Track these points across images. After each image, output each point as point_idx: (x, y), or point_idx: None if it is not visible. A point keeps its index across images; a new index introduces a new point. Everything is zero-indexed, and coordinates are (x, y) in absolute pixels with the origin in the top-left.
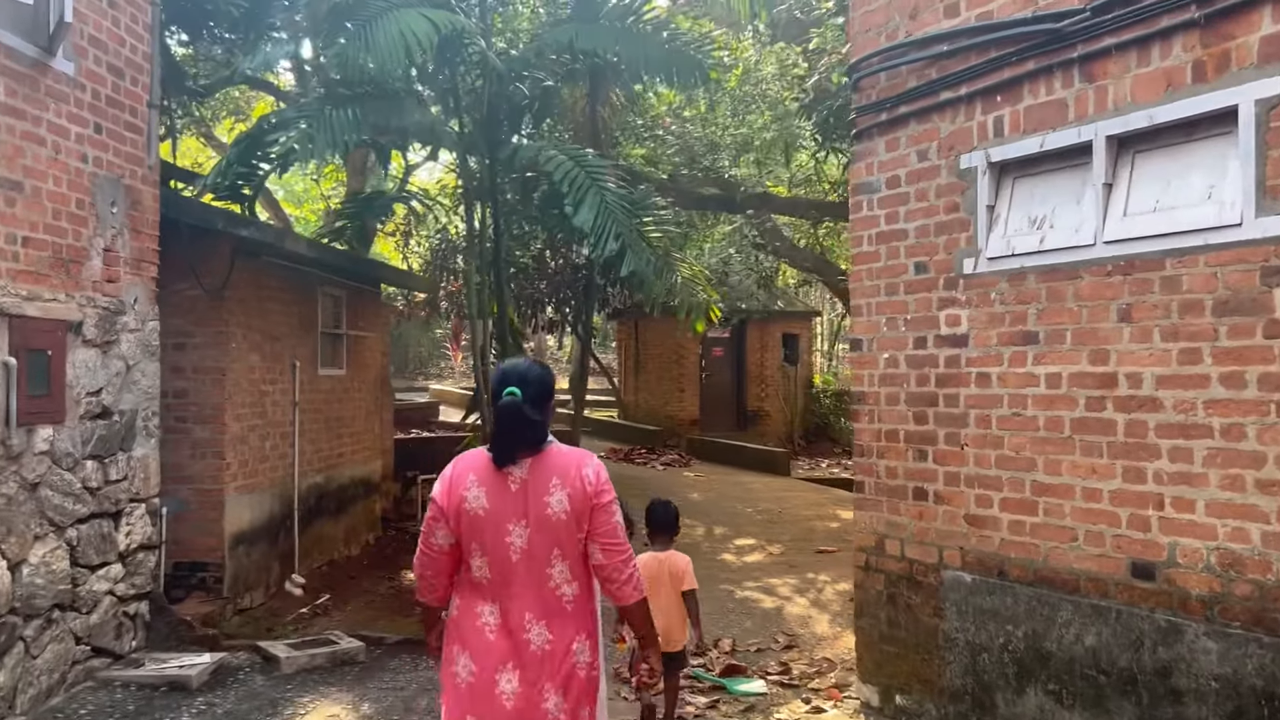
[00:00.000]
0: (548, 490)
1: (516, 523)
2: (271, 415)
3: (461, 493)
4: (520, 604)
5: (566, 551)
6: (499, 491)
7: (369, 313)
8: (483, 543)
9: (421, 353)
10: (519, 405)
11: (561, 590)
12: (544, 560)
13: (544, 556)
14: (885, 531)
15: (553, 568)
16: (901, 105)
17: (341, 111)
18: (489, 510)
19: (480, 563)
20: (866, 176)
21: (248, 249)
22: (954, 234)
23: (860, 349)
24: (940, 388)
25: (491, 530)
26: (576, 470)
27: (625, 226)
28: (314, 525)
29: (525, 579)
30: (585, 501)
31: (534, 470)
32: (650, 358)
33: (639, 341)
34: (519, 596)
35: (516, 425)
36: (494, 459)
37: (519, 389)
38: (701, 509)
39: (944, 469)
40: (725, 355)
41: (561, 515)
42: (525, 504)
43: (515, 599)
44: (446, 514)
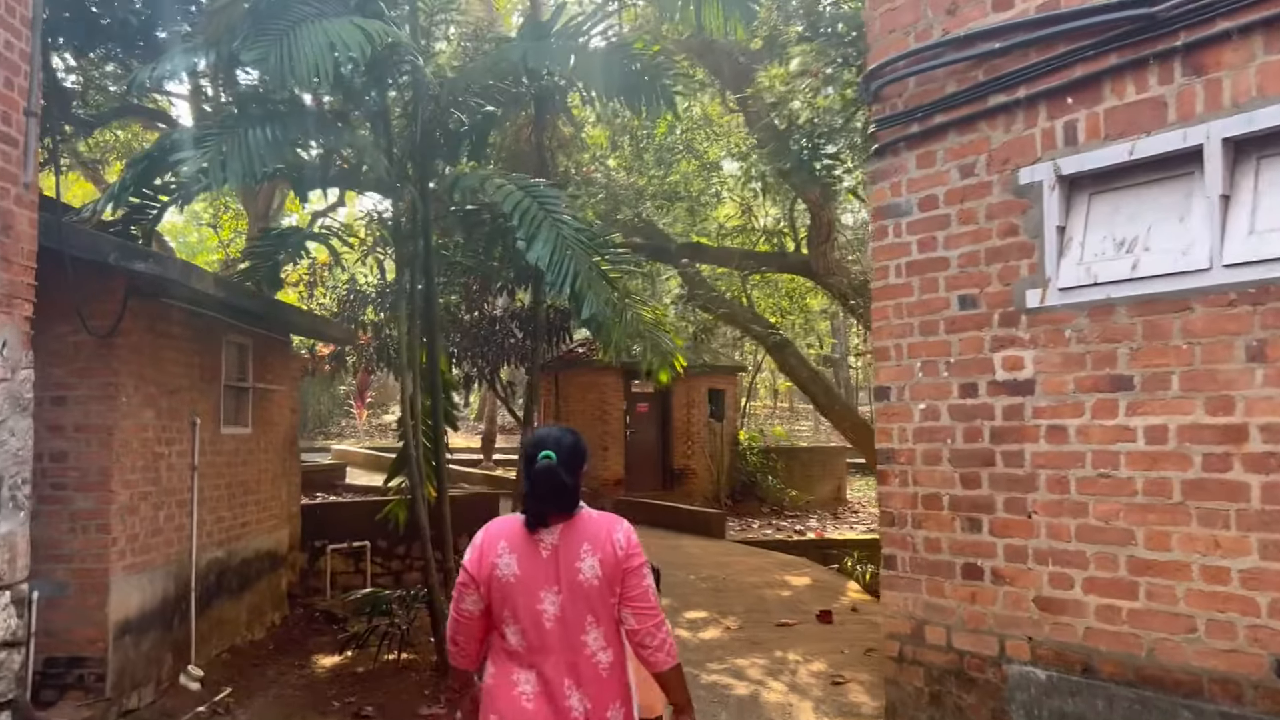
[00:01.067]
0: (579, 556)
1: (549, 589)
2: (167, 481)
3: (493, 560)
4: (557, 671)
5: (600, 618)
6: (530, 558)
7: (277, 364)
8: (515, 610)
9: (321, 410)
10: (554, 468)
11: (597, 657)
12: (579, 627)
13: (578, 623)
14: (925, 616)
15: (588, 634)
16: (937, 114)
17: (259, 131)
18: (520, 577)
19: (514, 630)
20: (893, 198)
21: (144, 287)
22: (1012, 261)
23: (888, 398)
24: (997, 444)
25: (524, 597)
26: (607, 535)
27: (584, 264)
28: (214, 606)
29: (561, 646)
30: (617, 566)
31: (565, 536)
32: (572, 413)
33: (560, 396)
34: (556, 664)
35: (552, 488)
36: (527, 521)
37: (554, 453)
38: None
39: (1004, 541)
40: (651, 411)
41: (594, 581)
42: (557, 570)
43: (552, 666)
44: (477, 580)
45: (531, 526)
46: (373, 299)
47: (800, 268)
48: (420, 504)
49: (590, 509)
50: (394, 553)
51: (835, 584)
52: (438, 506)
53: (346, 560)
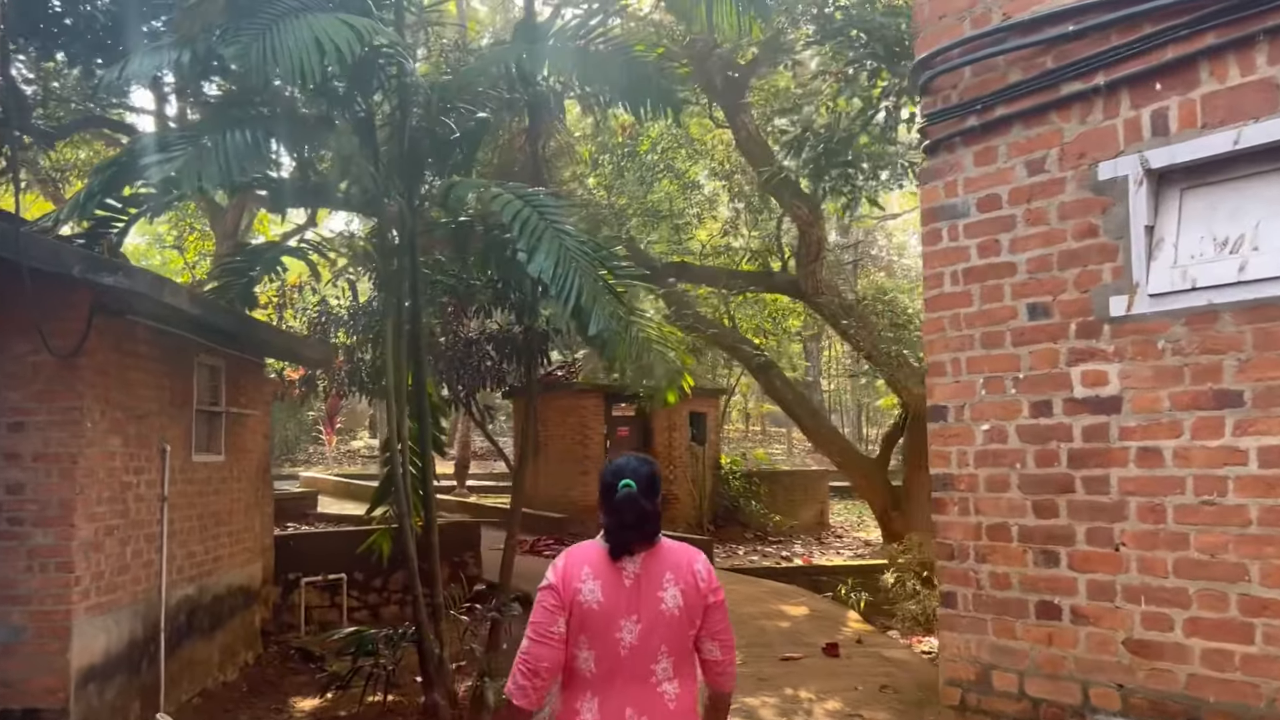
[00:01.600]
0: (661, 586)
1: (628, 618)
2: (135, 513)
3: (576, 585)
4: (622, 699)
5: (673, 648)
6: (613, 586)
7: (251, 387)
8: (592, 636)
9: (289, 436)
10: (637, 496)
11: (663, 687)
12: (651, 656)
13: (651, 652)
14: (992, 660)
15: (657, 664)
16: (999, 106)
17: (238, 134)
18: (603, 604)
19: (586, 655)
20: (947, 199)
21: (111, 303)
22: (1091, 265)
23: (944, 419)
24: (1077, 468)
25: (603, 624)
26: (689, 566)
27: (589, 277)
28: (184, 647)
29: (630, 674)
30: (700, 599)
31: (647, 565)
32: (551, 438)
33: (537, 420)
34: (621, 692)
35: (636, 516)
36: (610, 550)
37: (634, 482)
38: None
39: (1087, 576)
40: (632, 435)
41: (675, 611)
42: (639, 599)
43: (617, 694)
44: (564, 603)
45: (616, 555)
46: (345, 321)
47: (788, 287)
48: (408, 535)
49: (667, 538)
50: (371, 586)
51: (834, 613)
52: (425, 537)
53: (322, 594)
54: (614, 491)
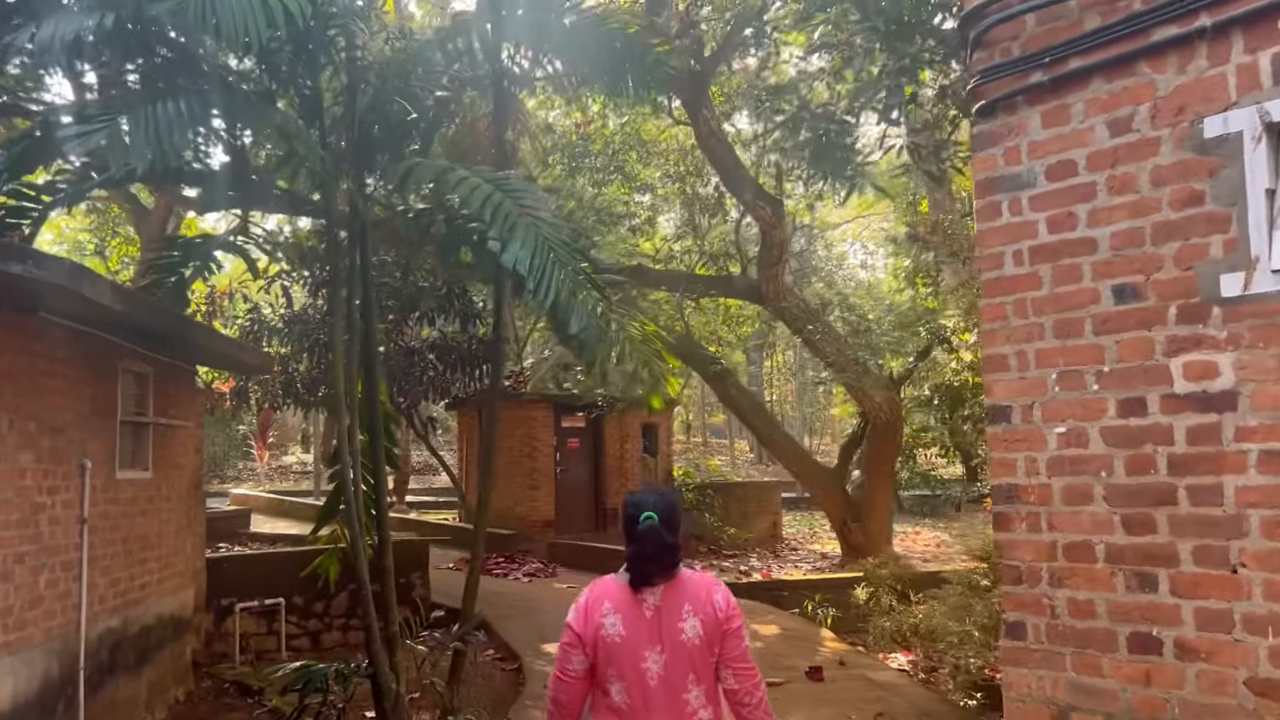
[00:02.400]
0: (681, 616)
1: (652, 649)
2: (49, 538)
3: (598, 620)
4: None
5: (701, 676)
6: (634, 618)
7: (182, 396)
8: (620, 670)
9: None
10: (659, 528)
11: (699, 715)
12: (681, 686)
13: (681, 682)
14: (1072, 701)
15: (689, 693)
16: (1073, 57)
17: (171, 105)
18: (625, 637)
19: (619, 688)
20: (1008, 167)
21: (20, 297)
22: (1195, 238)
23: (1007, 420)
24: (1180, 475)
25: (628, 657)
26: (707, 596)
27: (569, 269)
28: (107, 686)
29: (664, 705)
30: (717, 627)
31: (667, 596)
32: (498, 450)
33: (484, 433)
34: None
35: (657, 549)
36: (631, 581)
37: (655, 514)
38: None
39: (1195, 604)
40: (582, 447)
41: (695, 641)
42: (660, 630)
43: None
44: (584, 641)
45: (636, 586)
46: (279, 330)
47: (749, 292)
48: (361, 556)
49: (686, 569)
50: (311, 611)
51: (806, 632)
52: (378, 559)
53: (258, 620)
54: (636, 523)
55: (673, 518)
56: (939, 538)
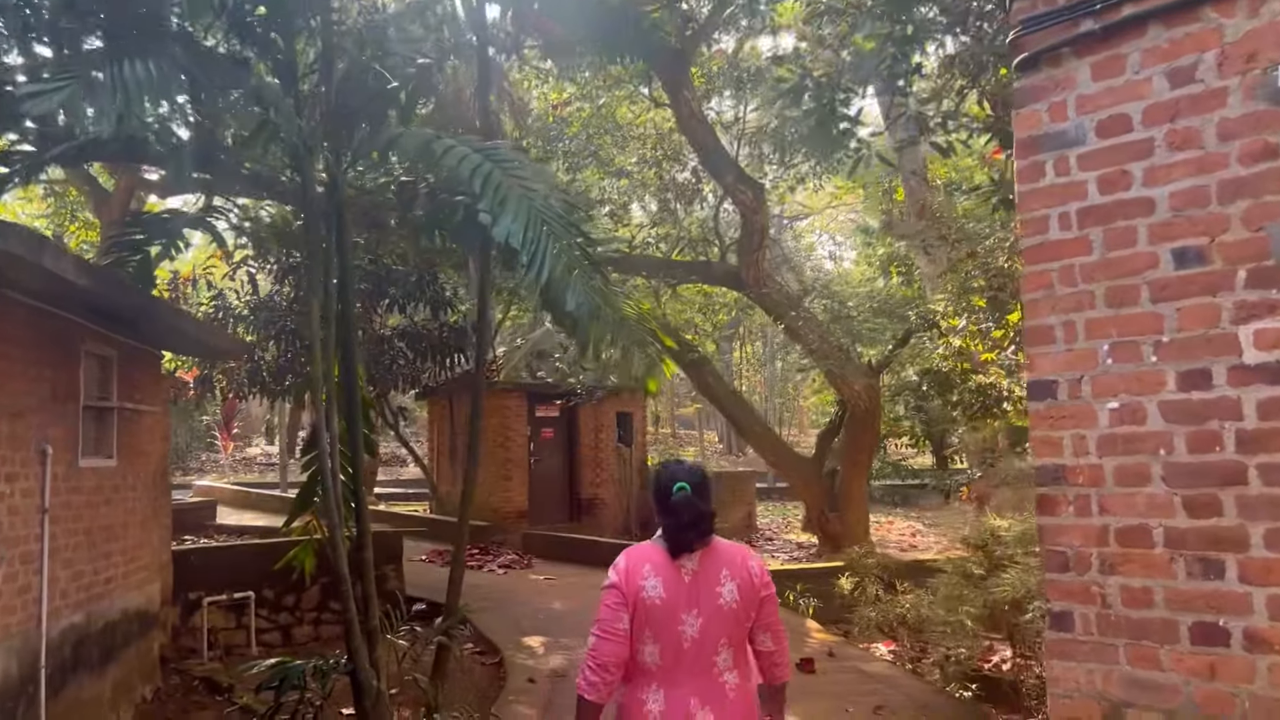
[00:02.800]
0: (719, 581)
1: (689, 612)
2: (8, 529)
3: (639, 582)
4: (686, 690)
5: (732, 639)
6: (674, 582)
7: (147, 381)
8: (656, 631)
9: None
10: (694, 499)
11: (725, 678)
12: (712, 648)
13: (713, 644)
14: (1126, 696)
15: (719, 655)
16: (1126, 3)
17: (138, 65)
18: (665, 600)
19: (652, 650)
20: (1053, 124)
21: None
22: (1268, 195)
23: (1053, 396)
24: (1251, 453)
25: (666, 619)
26: (743, 562)
27: (564, 243)
28: (70, 686)
29: (693, 666)
30: (754, 593)
31: (704, 562)
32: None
33: (456, 423)
34: (685, 683)
35: (694, 517)
36: (671, 550)
37: (688, 484)
38: (574, 624)
39: (1268, 591)
40: (556, 437)
41: (732, 605)
42: (698, 594)
43: (681, 685)
44: (627, 600)
45: (676, 554)
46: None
47: (729, 279)
48: (340, 548)
49: (719, 537)
50: (282, 604)
51: (792, 622)
52: (357, 552)
53: (226, 614)
54: (670, 495)
55: (704, 487)
56: (913, 527)
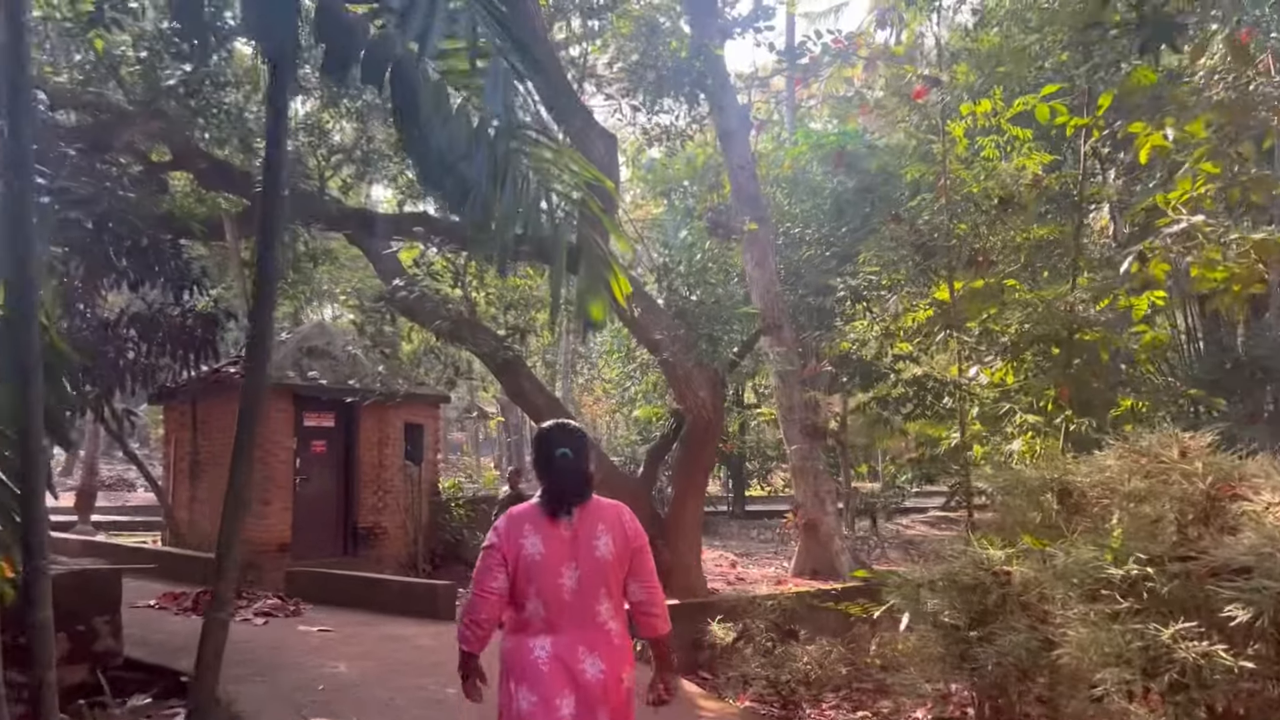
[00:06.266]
0: (595, 535)
1: (568, 565)
2: None
3: (519, 540)
4: (572, 638)
5: (611, 591)
6: (553, 538)
7: None
8: (539, 586)
9: None
10: (575, 462)
11: (608, 626)
12: (594, 598)
13: (594, 595)
14: None
15: (600, 605)
16: None
17: None
18: (545, 555)
19: (535, 604)
20: None
21: None
22: None
23: None
24: None
25: (548, 573)
26: (616, 517)
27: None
28: None
29: (576, 616)
30: (627, 545)
31: (582, 518)
32: (216, 455)
33: (199, 432)
34: (570, 631)
35: (575, 480)
36: (551, 511)
37: (568, 449)
38: (374, 698)
39: None
40: (329, 451)
41: (608, 557)
42: (576, 549)
43: (567, 633)
44: (507, 560)
45: (556, 515)
46: None
47: (556, 255)
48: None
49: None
50: None
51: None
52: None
53: None
54: (552, 459)
55: (584, 449)
56: (726, 556)
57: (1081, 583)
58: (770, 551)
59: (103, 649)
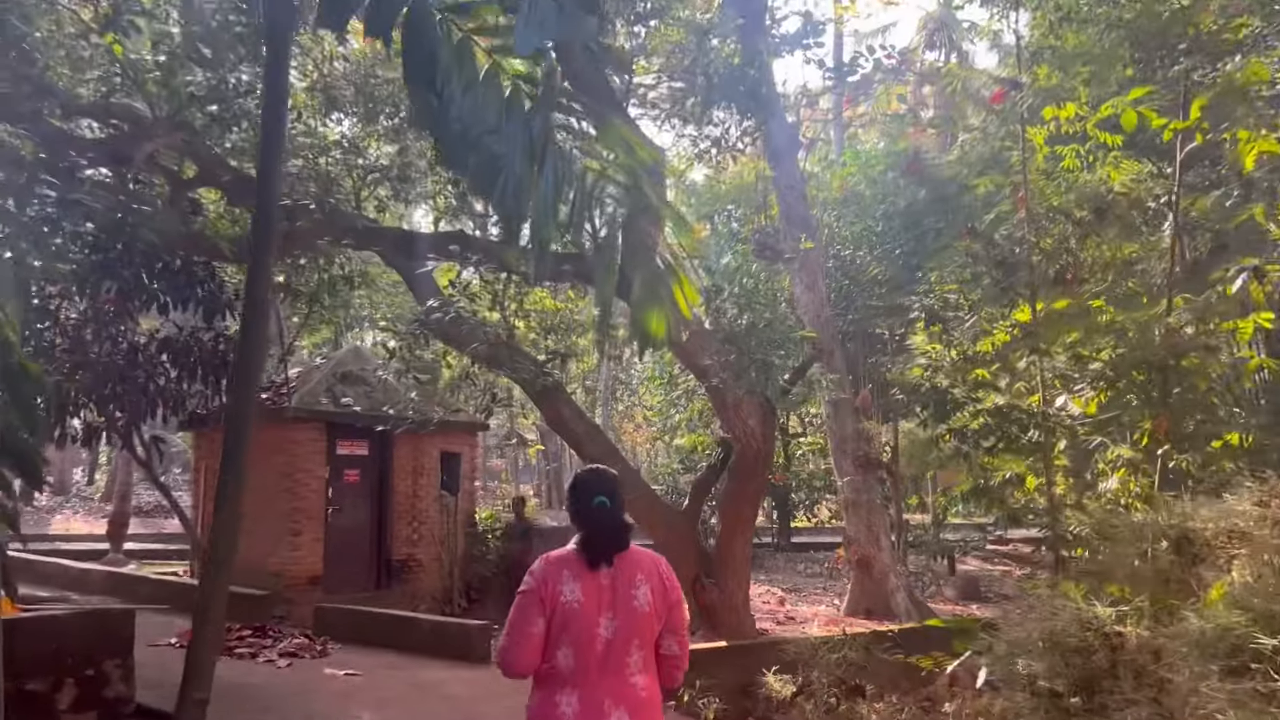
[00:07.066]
0: (634, 584)
1: (606, 615)
2: None
3: (557, 587)
4: (600, 692)
5: (644, 642)
6: (591, 587)
7: None
8: (574, 635)
9: None
10: (613, 511)
11: (635, 679)
12: (625, 650)
13: (626, 647)
14: None
15: (631, 657)
16: None
17: None
18: (583, 604)
19: (566, 653)
20: None
21: None
22: None
23: None
24: None
25: (584, 622)
26: (654, 568)
27: None
28: None
29: (606, 668)
30: (665, 597)
31: (620, 566)
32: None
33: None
34: (598, 685)
35: (613, 530)
36: (590, 561)
37: (607, 498)
38: None
39: None
40: (362, 481)
41: (645, 608)
42: (614, 598)
43: (595, 686)
44: (545, 604)
45: (595, 565)
46: None
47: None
48: None
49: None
50: None
51: None
52: None
53: None
54: (590, 508)
55: (620, 498)
56: (774, 593)
57: (1220, 652)
58: (819, 587)
59: (113, 695)
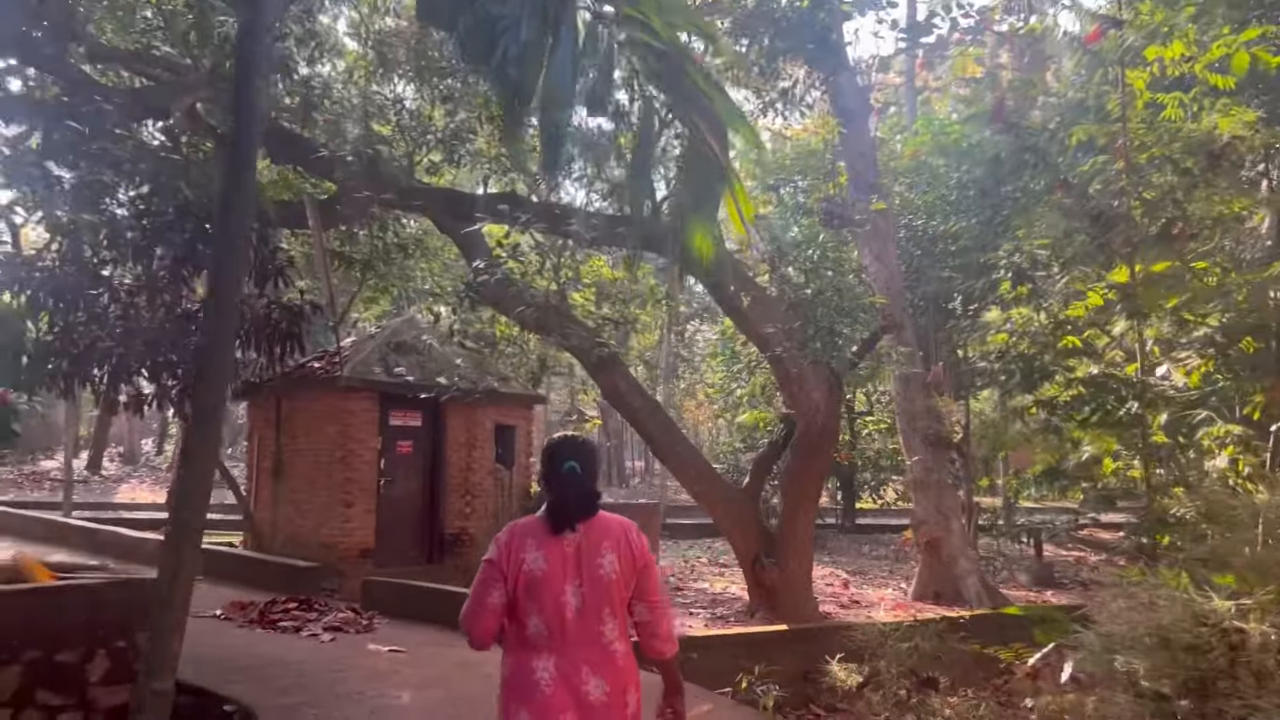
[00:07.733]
0: (600, 552)
1: (572, 583)
2: None
3: (521, 555)
4: (575, 658)
5: (615, 610)
6: (556, 554)
7: None
8: (541, 603)
9: None
10: (581, 477)
11: (614, 646)
12: (597, 618)
13: (597, 615)
14: None
15: (604, 625)
16: None
17: None
18: (547, 571)
19: (536, 621)
20: None
21: None
22: None
23: None
24: None
25: (550, 590)
26: (624, 535)
27: None
28: None
29: (580, 635)
30: (633, 563)
31: (587, 534)
32: (300, 454)
33: (283, 430)
34: (574, 651)
35: (580, 496)
36: (554, 526)
37: (577, 463)
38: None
39: None
40: (415, 453)
41: (613, 575)
42: (580, 565)
43: (570, 654)
44: (505, 575)
45: (559, 530)
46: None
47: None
48: None
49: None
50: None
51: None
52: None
53: None
54: (559, 472)
55: (592, 465)
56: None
57: None
58: (885, 570)
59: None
